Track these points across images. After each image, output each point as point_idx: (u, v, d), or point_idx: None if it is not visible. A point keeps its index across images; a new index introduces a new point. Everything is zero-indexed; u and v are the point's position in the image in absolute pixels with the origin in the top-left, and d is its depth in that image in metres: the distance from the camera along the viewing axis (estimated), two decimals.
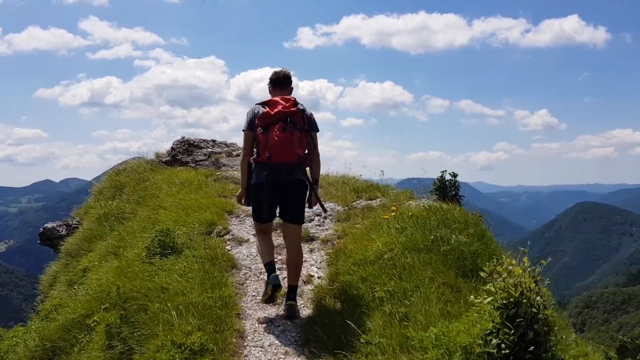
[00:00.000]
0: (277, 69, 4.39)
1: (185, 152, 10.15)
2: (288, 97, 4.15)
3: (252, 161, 4.15)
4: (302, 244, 4.64)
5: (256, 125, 4.02)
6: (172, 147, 10.33)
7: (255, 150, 4.18)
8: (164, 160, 10.17)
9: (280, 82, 4.35)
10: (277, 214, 4.30)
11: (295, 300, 4.21)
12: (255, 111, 4.11)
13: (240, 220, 6.86)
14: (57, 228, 9.35)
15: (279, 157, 3.90)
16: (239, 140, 10.83)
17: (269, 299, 4.23)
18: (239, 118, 4.88)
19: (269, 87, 4.43)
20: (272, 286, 4.08)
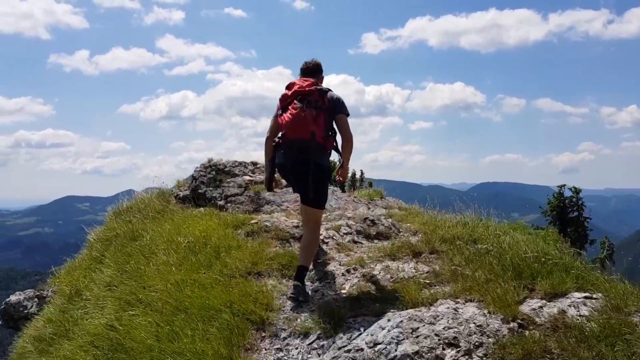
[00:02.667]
0: (308, 60, 4.34)
1: (211, 182, 6.74)
2: (307, 78, 4.09)
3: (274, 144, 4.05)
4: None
5: (278, 107, 4.03)
6: (192, 176, 6.96)
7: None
8: (181, 195, 6.82)
9: (306, 72, 4.25)
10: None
11: (303, 282, 3.83)
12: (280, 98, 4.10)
13: (278, 348, 3.24)
14: (25, 303, 6.27)
15: (291, 134, 3.84)
16: None
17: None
18: None
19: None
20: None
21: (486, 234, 5.09)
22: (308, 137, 3.78)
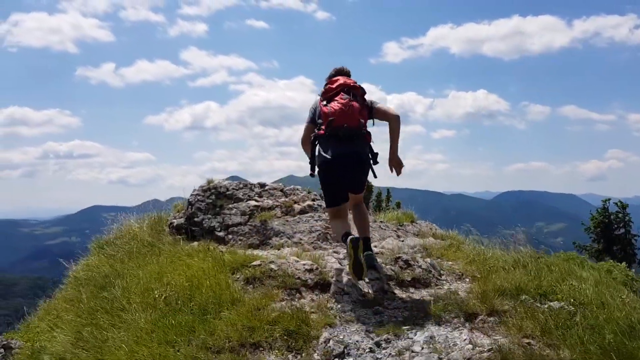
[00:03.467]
0: (337, 67, 4.36)
1: (210, 208, 5.67)
2: (348, 78, 4.20)
3: (314, 137, 4.11)
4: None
5: (319, 101, 4.07)
6: (188, 201, 5.91)
7: (318, 125, 4.10)
8: (175, 224, 5.77)
9: (342, 75, 4.27)
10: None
11: (372, 250, 4.19)
12: (317, 102, 4.15)
13: None
14: None
15: (341, 120, 3.88)
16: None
17: (356, 267, 3.69)
18: None
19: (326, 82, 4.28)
20: (351, 243, 3.72)
21: (553, 280, 3.91)
22: (357, 125, 3.93)
